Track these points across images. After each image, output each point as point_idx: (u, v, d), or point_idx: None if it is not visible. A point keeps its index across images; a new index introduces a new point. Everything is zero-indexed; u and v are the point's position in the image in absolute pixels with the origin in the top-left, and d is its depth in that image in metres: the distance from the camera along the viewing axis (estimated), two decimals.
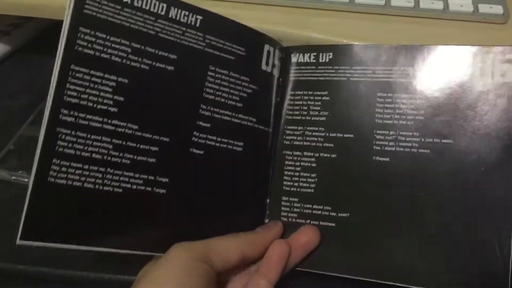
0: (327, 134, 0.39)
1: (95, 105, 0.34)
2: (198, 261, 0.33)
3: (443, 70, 0.38)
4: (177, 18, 0.37)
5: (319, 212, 0.39)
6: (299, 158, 0.40)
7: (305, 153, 0.40)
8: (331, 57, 0.40)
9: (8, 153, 0.46)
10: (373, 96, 0.39)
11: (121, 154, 0.35)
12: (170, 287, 0.31)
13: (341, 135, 0.39)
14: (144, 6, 0.36)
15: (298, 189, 0.40)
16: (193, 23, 0.38)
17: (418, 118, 0.38)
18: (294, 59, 0.42)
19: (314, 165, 0.40)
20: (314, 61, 0.41)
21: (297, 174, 0.40)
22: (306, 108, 0.40)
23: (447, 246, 0.36)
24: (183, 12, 0.37)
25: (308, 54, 0.41)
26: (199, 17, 0.38)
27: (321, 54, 0.41)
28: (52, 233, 0.33)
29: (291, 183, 0.40)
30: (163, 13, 0.37)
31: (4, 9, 0.48)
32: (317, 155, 0.40)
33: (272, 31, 0.43)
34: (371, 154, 0.38)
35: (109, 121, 0.34)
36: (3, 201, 0.42)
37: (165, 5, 0.37)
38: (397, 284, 0.36)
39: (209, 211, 0.38)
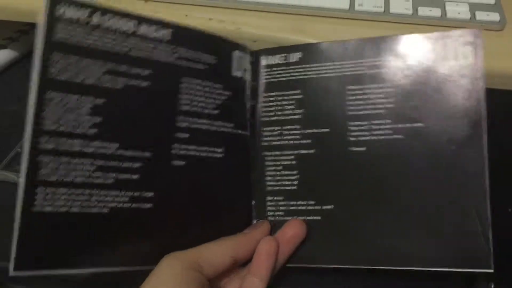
0: (304, 131, 0.40)
1: (74, 129, 0.34)
2: (189, 269, 0.34)
3: (408, 58, 0.39)
4: (147, 34, 0.37)
5: (304, 207, 0.40)
6: (279, 158, 0.41)
7: (284, 152, 0.41)
8: (300, 56, 0.41)
9: (16, 156, 0.48)
10: (343, 90, 0.40)
11: (104, 175, 0.35)
12: None
13: (317, 130, 0.40)
14: (113, 26, 0.36)
15: (282, 188, 0.41)
16: (163, 37, 0.38)
17: (388, 106, 0.39)
18: (264, 62, 0.43)
19: (294, 162, 0.41)
20: (284, 61, 0.42)
21: (278, 173, 0.41)
22: (280, 108, 0.41)
23: (429, 226, 0.37)
24: (153, 27, 0.38)
25: (278, 55, 0.42)
26: (169, 31, 0.38)
27: (290, 54, 0.42)
28: (45, 261, 0.33)
29: (274, 183, 0.41)
30: (132, 30, 0.37)
31: (12, 16, 0.49)
32: (296, 152, 0.41)
33: (273, 38, 0.44)
34: (347, 145, 0.39)
35: (90, 143, 0.34)
36: (10, 203, 0.43)
37: (134, 23, 0.37)
38: (386, 267, 0.37)
39: (197, 219, 0.39)
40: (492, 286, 0.52)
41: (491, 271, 0.36)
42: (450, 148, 0.38)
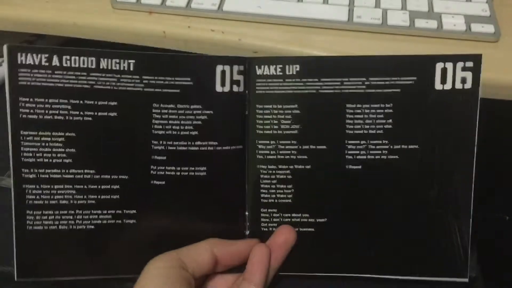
0: (300, 147, 0.40)
1: (50, 160, 0.38)
2: (174, 267, 0.35)
3: (408, 78, 0.39)
4: (109, 67, 0.38)
5: (298, 219, 0.41)
6: (274, 172, 0.41)
7: (279, 166, 0.41)
8: (298, 69, 0.40)
9: None
10: (342, 108, 0.40)
11: (85, 196, 0.38)
12: None
13: (314, 147, 0.40)
14: (73, 65, 0.38)
15: (276, 201, 0.41)
16: (126, 68, 0.39)
17: (387, 126, 0.39)
18: (259, 71, 0.41)
19: (289, 177, 0.41)
20: (281, 73, 0.40)
21: (273, 186, 0.41)
22: (276, 122, 0.40)
23: (414, 240, 0.40)
24: (114, 60, 0.38)
25: (274, 66, 0.40)
26: (131, 61, 0.39)
27: (287, 66, 0.40)
28: (43, 270, 0.39)
29: (269, 195, 0.41)
30: (93, 66, 0.38)
31: (18, 27, 0.50)
32: (291, 167, 0.41)
33: (273, 49, 0.45)
34: (344, 163, 0.40)
35: (67, 171, 0.38)
36: None
37: (94, 59, 0.38)
38: (370, 276, 0.40)
39: (184, 232, 0.40)
40: None
41: (466, 280, 0.40)
42: (441, 172, 0.39)
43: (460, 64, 0.38)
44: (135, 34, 0.48)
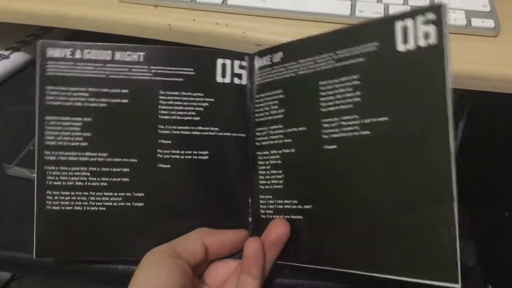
0: (286, 131, 0.41)
1: (69, 143, 0.41)
2: (169, 257, 0.37)
3: (371, 45, 0.36)
4: (122, 59, 0.42)
5: (289, 206, 0.41)
6: (267, 157, 0.42)
7: (271, 152, 0.42)
8: (282, 56, 0.41)
9: (28, 153, 0.51)
10: (316, 86, 0.39)
11: (98, 179, 0.41)
12: (147, 285, 0.35)
13: (296, 129, 0.40)
14: (92, 57, 0.42)
15: (271, 187, 0.42)
16: (136, 60, 0.42)
17: (356, 100, 0.37)
18: (256, 64, 0.43)
19: (279, 162, 0.41)
20: (270, 62, 0.42)
21: (268, 172, 0.42)
22: (267, 108, 0.42)
23: (397, 229, 0.35)
24: (126, 53, 0.42)
25: (265, 57, 0.42)
26: (141, 53, 0.42)
27: (274, 55, 0.42)
28: (59, 250, 0.42)
29: (265, 182, 0.42)
30: (109, 58, 0.42)
31: (26, 20, 0.52)
32: (280, 152, 0.41)
33: (276, 42, 0.45)
34: (321, 143, 0.38)
35: (83, 153, 0.41)
36: (24, 197, 0.47)
37: (110, 52, 0.42)
38: (348, 271, 0.37)
39: (189, 216, 0.42)
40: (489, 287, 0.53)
41: (458, 286, 0.31)
42: (415, 145, 0.34)
43: (420, 18, 0.33)
44: (141, 27, 0.49)
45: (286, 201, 0.41)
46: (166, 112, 0.42)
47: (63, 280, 0.50)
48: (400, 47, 0.34)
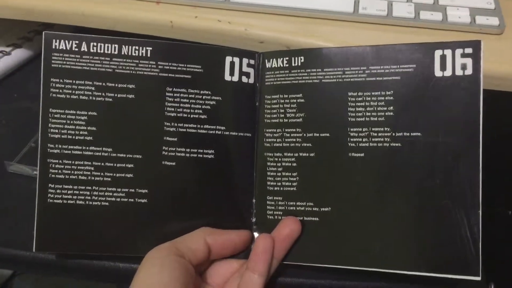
0: (305, 135, 0.41)
1: (73, 137, 0.41)
2: (172, 255, 0.37)
3: (408, 67, 0.40)
4: (129, 53, 0.42)
5: (303, 208, 0.41)
6: (280, 159, 0.42)
7: (285, 154, 0.42)
8: (302, 60, 0.42)
9: (29, 150, 0.50)
10: (344, 96, 0.41)
11: (102, 174, 0.41)
12: (150, 283, 0.35)
13: (318, 134, 0.41)
14: (99, 50, 0.41)
15: (282, 188, 0.42)
16: (144, 55, 0.42)
17: (388, 114, 0.40)
18: (268, 64, 0.43)
19: (294, 164, 0.41)
20: (287, 65, 0.42)
21: (279, 174, 0.42)
22: (283, 111, 0.42)
23: (420, 233, 0.39)
24: (134, 47, 0.42)
25: (281, 58, 0.42)
26: (149, 48, 0.42)
27: (293, 58, 0.42)
28: (59, 244, 0.41)
29: (274, 183, 0.42)
30: (116, 52, 0.42)
31: (27, 16, 0.51)
32: (296, 155, 0.41)
33: (279, 39, 0.45)
34: (347, 150, 0.40)
35: (87, 148, 0.41)
36: (26, 194, 0.46)
37: (117, 46, 0.42)
38: (374, 269, 0.39)
39: (191, 214, 0.42)
40: (492, 286, 0.53)
41: (479, 278, 0.37)
42: (445, 159, 0.38)
43: (459, 51, 0.39)
44: (143, 24, 0.48)
45: (299, 203, 0.41)
46: (172, 109, 0.42)
47: (64, 277, 0.50)
48: (438, 73, 0.39)
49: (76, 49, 0.41)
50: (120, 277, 0.43)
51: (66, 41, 0.41)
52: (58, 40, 0.41)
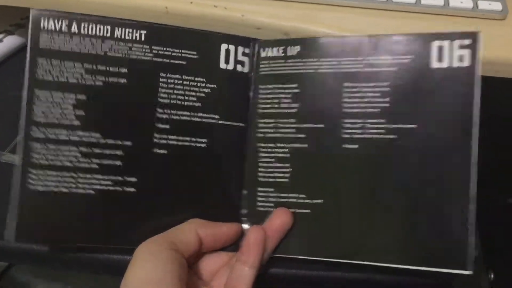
0: (299, 125, 0.41)
1: (60, 121, 0.39)
2: (164, 248, 0.36)
3: (404, 57, 0.39)
4: (122, 36, 0.41)
5: (295, 200, 0.40)
6: (273, 150, 0.41)
7: (278, 145, 0.41)
8: (298, 50, 0.41)
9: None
10: (340, 87, 0.40)
11: (88, 160, 0.40)
12: (144, 278, 0.34)
13: (312, 125, 0.40)
14: (90, 32, 0.40)
15: (274, 180, 0.41)
16: (138, 38, 0.41)
17: (384, 105, 0.39)
18: (263, 53, 0.42)
19: (288, 155, 0.41)
20: (283, 54, 0.42)
21: (271, 165, 0.41)
22: (277, 101, 0.41)
23: (412, 226, 0.38)
24: (127, 30, 0.41)
25: (277, 48, 0.42)
26: (143, 32, 0.41)
27: (289, 47, 0.41)
28: (41, 233, 0.39)
29: (266, 174, 0.41)
30: (108, 34, 0.40)
31: (19, 1, 0.50)
32: (290, 146, 0.41)
33: (276, 25, 0.44)
34: (341, 142, 0.40)
35: (74, 132, 0.39)
36: None
37: (109, 27, 0.40)
38: (366, 263, 0.38)
39: (181, 204, 0.41)
40: (492, 275, 0.53)
41: (470, 272, 0.37)
42: (439, 152, 0.38)
43: (457, 42, 0.38)
44: (137, 9, 0.47)
45: (291, 195, 0.41)
46: (166, 95, 0.41)
47: (54, 269, 0.49)
48: (434, 64, 0.38)
49: (66, 30, 0.40)
50: (113, 268, 0.42)
51: (55, 21, 0.40)
52: (46, 19, 0.40)
